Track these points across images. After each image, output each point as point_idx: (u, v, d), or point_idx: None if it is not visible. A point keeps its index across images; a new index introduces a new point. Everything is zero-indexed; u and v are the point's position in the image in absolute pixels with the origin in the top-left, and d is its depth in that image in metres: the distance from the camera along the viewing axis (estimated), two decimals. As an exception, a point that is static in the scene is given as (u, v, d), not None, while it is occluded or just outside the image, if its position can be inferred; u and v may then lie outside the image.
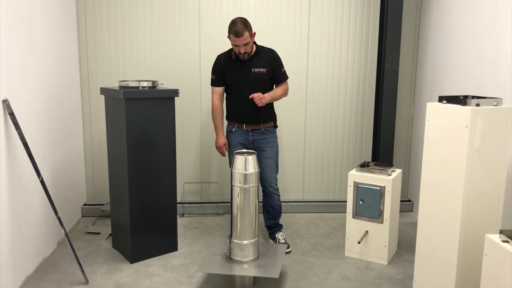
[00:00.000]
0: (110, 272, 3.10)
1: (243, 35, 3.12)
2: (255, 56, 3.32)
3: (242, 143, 3.40)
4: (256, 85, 3.30)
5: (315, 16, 4.17)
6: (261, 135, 3.41)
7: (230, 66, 3.33)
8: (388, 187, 3.20)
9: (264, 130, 3.41)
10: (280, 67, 3.40)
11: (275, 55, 3.39)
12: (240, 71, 3.31)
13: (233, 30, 3.13)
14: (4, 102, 2.64)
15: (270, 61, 3.34)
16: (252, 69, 3.30)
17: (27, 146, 2.77)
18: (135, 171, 3.14)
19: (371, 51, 4.27)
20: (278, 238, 3.50)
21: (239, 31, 3.11)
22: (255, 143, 3.41)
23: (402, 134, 4.44)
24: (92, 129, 4.16)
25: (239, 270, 2.82)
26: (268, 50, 3.39)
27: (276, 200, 3.53)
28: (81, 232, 3.77)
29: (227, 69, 3.34)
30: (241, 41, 3.14)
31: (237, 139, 3.41)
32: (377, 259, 3.30)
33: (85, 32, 4.02)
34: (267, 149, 3.42)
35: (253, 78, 3.30)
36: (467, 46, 3.39)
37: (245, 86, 3.30)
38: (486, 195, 2.52)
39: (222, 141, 3.42)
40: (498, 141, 2.48)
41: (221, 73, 3.35)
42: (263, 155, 3.40)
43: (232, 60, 3.33)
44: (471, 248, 2.51)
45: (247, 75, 3.31)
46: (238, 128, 3.41)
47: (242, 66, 3.31)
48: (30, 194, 3.01)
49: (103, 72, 4.09)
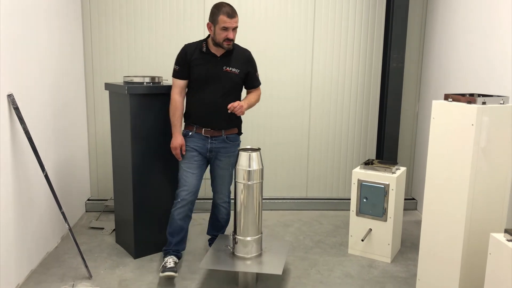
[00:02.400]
0: (114, 267, 3.11)
1: (235, 16, 2.79)
2: (228, 53, 2.93)
3: (197, 151, 2.97)
4: (225, 86, 2.92)
5: (320, 13, 4.16)
6: (221, 143, 2.99)
7: (199, 58, 2.90)
8: (392, 185, 3.19)
9: (226, 137, 3.00)
10: (255, 70, 3.07)
11: (251, 57, 3.04)
12: (209, 66, 2.90)
13: (224, 10, 2.77)
14: (9, 96, 2.64)
15: (244, 63, 2.98)
16: (223, 67, 2.90)
17: (32, 141, 2.77)
18: (139, 167, 3.14)
19: (376, 48, 4.25)
20: None
21: (232, 12, 2.78)
22: (212, 152, 3.00)
23: (407, 132, 4.42)
24: (96, 124, 4.17)
25: (242, 267, 2.82)
26: (243, 50, 3.03)
27: (223, 213, 3.23)
28: (84, 227, 3.79)
29: (195, 62, 2.90)
30: (233, 23, 2.79)
31: (192, 145, 2.97)
32: (380, 257, 3.29)
33: (89, 28, 4.02)
34: (223, 159, 3.04)
35: (223, 77, 2.91)
36: (473, 44, 3.36)
37: (212, 84, 2.90)
38: (491, 193, 2.50)
39: (178, 141, 2.94)
40: (504, 140, 2.46)
41: (187, 64, 2.91)
42: (218, 164, 3.05)
43: (203, 53, 2.91)
44: (476, 247, 2.50)
45: (216, 73, 2.90)
46: (196, 133, 2.97)
47: (212, 61, 2.90)
48: (34, 189, 3.02)
49: (108, 68, 4.09)
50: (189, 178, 2.96)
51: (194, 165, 2.97)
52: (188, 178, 2.96)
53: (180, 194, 2.96)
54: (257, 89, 3.13)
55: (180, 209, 2.95)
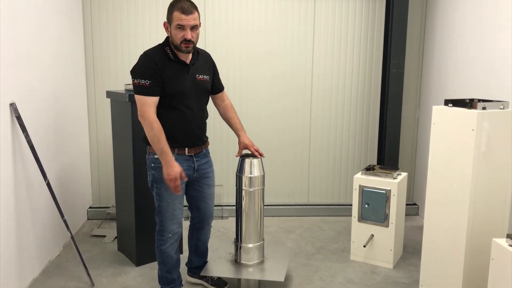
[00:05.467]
0: (116, 275, 3.10)
1: (192, 12, 2.34)
2: (194, 58, 2.54)
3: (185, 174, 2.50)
4: (201, 97, 2.58)
5: (320, 20, 4.18)
6: (204, 158, 2.67)
7: (169, 69, 2.42)
8: (394, 191, 3.19)
9: (205, 150, 2.69)
10: (218, 72, 2.75)
11: (211, 58, 2.72)
12: (183, 76, 2.47)
13: (179, 5, 2.32)
14: (11, 105, 2.66)
15: (210, 66, 2.67)
16: (196, 76, 2.53)
17: (34, 149, 2.79)
18: (140, 174, 3.15)
19: (376, 54, 4.27)
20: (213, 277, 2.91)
21: (188, 7, 2.33)
22: (199, 171, 2.64)
23: (408, 137, 4.43)
24: (98, 132, 4.18)
25: (245, 274, 2.82)
26: (204, 53, 2.68)
27: (208, 235, 2.93)
28: (86, 235, 3.79)
29: (167, 73, 2.41)
30: (189, 21, 2.33)
31: None
32: (382, 263, 3.28)
33: (91, 36, 4.05)
34: (210, 174, 2.73)
35: (198, 88, 2.54)
36: (472, 49, 3.38)
37: (189, 98, 2.49)
38: (492, 198, 2.50)
39: (177, 169, 2.38)
40: (504, 145, 2.47)
41: (159, 77, 2.39)
42: (206, 182, 2.71)
43: (172, 61, 2.45)
44: (478, 252, 2.49)
45: (192, 83, 2.50)
46: (178, 155, 2.51)
47: (184, 70, 2.48)
48: (36, 196, 3.02)
49: (109, 76, 4.11)
50: (178, 210, 2.61)
51: (180, 195, 2.58)
52: (176, 210, 2.60)
53: (170, 228, 2.59)
54: (224, 93, 2.81)
55: (173, 244, 2.64)
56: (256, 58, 4.17)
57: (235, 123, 2.78)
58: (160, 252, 2.65)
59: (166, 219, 2.59)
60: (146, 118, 2.37)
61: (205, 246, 2.96)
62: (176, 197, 2.56)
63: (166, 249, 2.63)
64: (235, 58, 4.13)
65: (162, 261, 2.68)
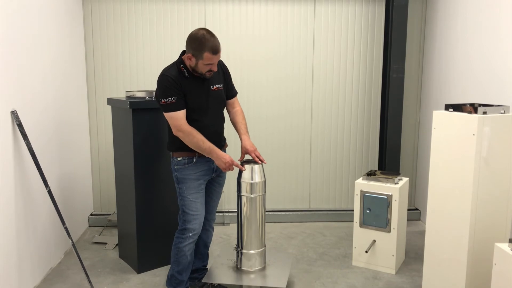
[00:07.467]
0: (117, 282, 3.10)
1: (220, 49, 2.54)
2: None
3: (204, 175, 2.73)
4: (217, 106, 2.74)
5: (320, 25, 4.20)
6: None
7: (189, 85, 2.60)
8: (395, 196, 3.19)
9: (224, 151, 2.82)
10: (231, 77, 2.85)
11: (224, 64, 2.82)
12: (200, 90, 2.65)
13: (209, 46, 2.47)
14: (12, 113, 2.66)
15: (222, 73, 2.78)
16: (211, 87, 2.68)
17: (35, 157, 2.79)
18: (141, 181, 3.15)
19: (376, 59, 4.28)
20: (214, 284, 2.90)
21: (217, 46, 2.51)
22: (217, 171, 2.80)
23: (409, 142, 4.43)
24: (99, 139, 4.19)
25: (246, 280, 2.80)
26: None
27: (211, 236, 3.01)
28: (88, 242, 3.78)
29: (187, 89, 2.60)
30: (219, 57, 2.57)
31: (198, 170, 2.71)
32: (384, 268, 3.27)
33: (92, 43, 4.07)
34: (223, 174, 2.88)
35: (213, 98, 2.70)
36: (472, 54, 3.39)
37: (206, 108, 2.66)
38: (494, 203, 2.50)
39: (228, 157, 2.65)
40: (505, 149, 2.46)
41: (182, 93, 2.58)
42: (218, 181, 2.88)
43: (187, 78, 2.62)
44: (480, 257, 2.48)
45: (207, 95, 2.67)
46: (199, 157, 2.68)
47: (200, 84, 2.64)
48: (38, 204, 3.03)
49: (110, 83, 4.12)
50: (200, 209, 2.73)
51: (201, 193, 2.74)
52: (198, 209, 2.71)
53: (191, 227, 2.69)
54: (236, 98, 2.89)
55: (191, 244, 2.72)
56: (256, 63, 4.18)
57: (240, 128, 2.86)
58: (177, 250, 2.73)
59: (188, 218, 2.70)
60: (183, 130, 2.57)
61: (207, 247, 3.02)
62: (195, 197, 2.71)
63: (183, 247, 2.72)
64: (236, 62, 4.14)
65: (176, 260, 2.75)
